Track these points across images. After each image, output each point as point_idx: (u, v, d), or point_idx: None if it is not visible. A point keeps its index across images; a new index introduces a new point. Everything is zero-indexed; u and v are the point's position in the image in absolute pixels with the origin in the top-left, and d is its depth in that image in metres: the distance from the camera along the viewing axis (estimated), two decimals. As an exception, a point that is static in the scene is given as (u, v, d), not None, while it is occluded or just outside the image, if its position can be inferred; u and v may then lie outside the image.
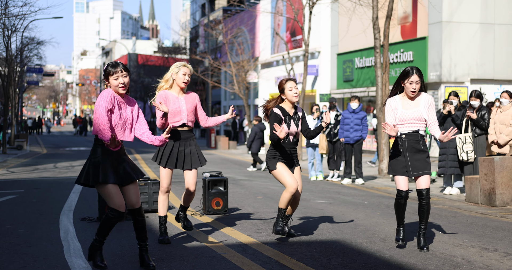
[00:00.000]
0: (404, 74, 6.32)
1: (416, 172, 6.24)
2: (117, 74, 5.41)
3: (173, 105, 6.71)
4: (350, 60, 26.63)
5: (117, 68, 5.43)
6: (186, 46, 57.50)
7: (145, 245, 5.57)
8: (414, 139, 6.26)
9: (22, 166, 19.03)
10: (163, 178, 6.78)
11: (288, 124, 6.69)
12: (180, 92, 6.82)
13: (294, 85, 6.74)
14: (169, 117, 6.65)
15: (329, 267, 5.60)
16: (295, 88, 6.72)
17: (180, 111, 6.73)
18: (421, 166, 6.24)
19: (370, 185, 13.19)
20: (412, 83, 6.27)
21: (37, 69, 36.92)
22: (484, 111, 10.74)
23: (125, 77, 5.45)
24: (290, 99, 6.71)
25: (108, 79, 5.44)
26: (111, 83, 5.43)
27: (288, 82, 6.74)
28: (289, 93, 6.70)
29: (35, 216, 8.74)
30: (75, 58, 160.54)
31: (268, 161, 6.75)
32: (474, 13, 21.50)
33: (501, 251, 6.27)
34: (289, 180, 6.61)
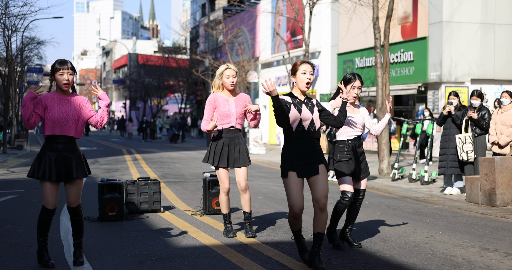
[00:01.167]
0: (346, 80, 6.41)
1: (362, 174, 6.51)
2: (63, 70, 5.56)
3: (223, 108, 6.90)
4: (351, 60, 26.63)
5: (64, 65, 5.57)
6: (187, 46, 57.49)
7: (78, 242, 5.78)
8: (357, 142, 6.49)
9: (22, 166, 19.02)
10: (221, 179, 6.95)
11: (298, 108, 5.51)
12: (230, 94, 6.98)
13: (310, 70, 5.59)
14: (219, 119, 6.88)
15: (329, 267, 5.60)
16: (310, 74, 5.59)
17: (230, 114, 6.92)
18: (364, 169, 6.52)
19: (370, 185, 13.19)
20: (354, 88, 6.36)
21: (37, 69, 36.91)
22: (485, 111, 10.74)
23: (70, 75, 5.59)
24: (301, 83, 5.58)
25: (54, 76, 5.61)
26: (57, 79, 5.58)
27: (302, 65, 5.60)
28: (302, 77, 5.58)
29: (36, 216, 8.73)
30: (75, 58, 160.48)
31: (281, 165, 5.59)
32: (475, 13, 21.50)
33: (502, 251, 6.27)
34: (292, 199, 5.47)
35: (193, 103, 56.74)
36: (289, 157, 5.48)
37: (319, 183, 5.52)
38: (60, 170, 5.58)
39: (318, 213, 5.50)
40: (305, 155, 5.48)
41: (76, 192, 5.66)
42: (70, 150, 5.66)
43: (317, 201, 5.48)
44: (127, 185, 8.83)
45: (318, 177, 5.54)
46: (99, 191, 8.26)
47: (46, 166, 5.53)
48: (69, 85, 5.58)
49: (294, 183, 5.45)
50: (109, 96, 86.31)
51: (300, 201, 5.44)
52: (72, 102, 5.66)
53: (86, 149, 30.04)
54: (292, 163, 5.46)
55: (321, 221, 5.49)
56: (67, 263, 5.78)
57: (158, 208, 8.95)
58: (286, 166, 5.49)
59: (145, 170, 16.80)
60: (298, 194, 5.45)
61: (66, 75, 5.54)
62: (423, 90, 22.11)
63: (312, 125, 5.54)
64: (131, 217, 8.47)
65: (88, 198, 10.65)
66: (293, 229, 5.66)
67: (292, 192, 5.44)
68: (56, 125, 5.57)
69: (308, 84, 5.56)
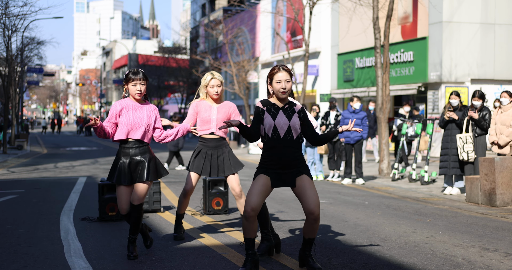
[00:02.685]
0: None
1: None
2: (136, 82, 5.96)
3: (204, 113, 6.86)
4: (351, 60, 26.63)
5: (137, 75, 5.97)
6: (187, 46, 57.48)
7: (132, 238, 6.02)
8: None
9: (22, 166, 19.02)
10: (187, 179, 6.86)
11: (274, 114, 5.26)
12: (213, 102, 6.94)
13: (286, 78, 5.27)
14: (200, 124, 6.86)
15: (330, 267, 5.60)
16: (286, 82, 5.27)
17: (210, 120, 6.85)
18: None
19: (371, 185, 13.19)
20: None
21: (37, 69, 36.90)
22: (486, 111, 10.74)
23: (142, 85, 5.98)
24: (276, 93, 5.30)
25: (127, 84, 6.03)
26: (129, 89, 6.00)
27: (278, 74, 5.28)
28: (276, 86, 5.29)
29: (36, 216, 8.74)
30: (75, 58, 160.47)
31: (257, 170, 5.38)
32: (475, 13, 21.50)
33: (502, 251, 6.27)
34: (248, 196, 5.22)
35: (193, 103, 56.59)
36: (264, 164, 5.29)
37: (307, 194, 5.24)
38: (132, 174, 5.98)
39: (312, 223, 5.31)
40: (281, 164, 5.24)
41: (142, 192, 5.98)
42: (142, 153, 6.02)
43: (312, 213, 5.24)
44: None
45: (305, 188, 5.25)
46: (99, 191, 8.26)
47: (120, 171, 5.97)
48: (141, 95, 6.00)
49: (259, 185, 5.22)
50: (109, 96, 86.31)
51: (255, 200, 5.16)
52: (145, 109, 6.08)
53: (86, 149, 30.05)
54: (267, 170, 5.26)
55: (314, 229, 5.35)
56: (67, 263, 5.78)
57: (158, 208, 8.95)
58: (260, 172, 5.29)
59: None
60: (257, 193, 5.18)
61: (138, 85, 5.97)
62: (423, 90, 22.11)
63: (289, 133, 5.25)
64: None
65: (88, 198, 10.66)
66: (245, 235, 5.29)
67: (252, 190, 5.20)
68: (129, 129, 5.98)
69: (284, 92, 5.25)
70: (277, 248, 6.15)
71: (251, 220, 5.20)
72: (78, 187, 12.51)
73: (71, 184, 13.09)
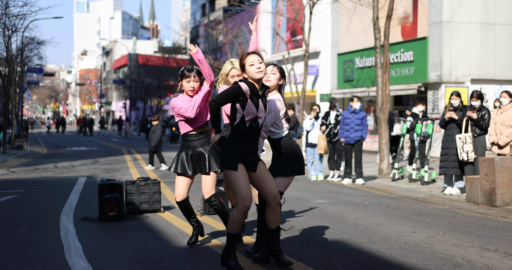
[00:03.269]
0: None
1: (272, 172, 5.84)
2: (189, 78, 6.18)
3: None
4: (351, 60, 26.63)
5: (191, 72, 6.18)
6: (187, 46, 57.47)
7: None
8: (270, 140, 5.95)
9: (22, 166, 19.02)
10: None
11: (256, 103, 5.27)
12: None
13: (257, 59, 5.30)
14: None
15: (330, 267, 5.60)
16: (259, 63, 5.29)
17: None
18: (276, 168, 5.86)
19: (371, 185, 13.19)
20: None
21: (37, 69, 36.89)
22: (485, 111, 10.74)
23: (196, 82, 6.20)
24: (252, 76, 5.28)
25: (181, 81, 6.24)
26: (183, 85, 6.23)
27: (248, 57, 5.32)
28: (251, 69, 5.29)
29: (36, 216, 8.75)
30: (75, 58, 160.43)
31: (227, 157, 5.28)
32: (475, 13, 21.50)
33: (502, 251, 6.27)
34: (243, 192, 5.22)
35: (193, 103, 56.62)
36: (238, 151, 5.25)
37: (269, 178, 5.37)
38: (194, 165, 6.31)
39: (275, 209, 5.38)
40: (252, 151, 5.32)
41: (209, 183, 6.29)
42: (203, 145, 6.32)
43: (275, 197, 5.34)
44: (127, 185, 8.83)
45: (265, 173, 5.37)
46: (99, 191, 8.25)
47: (183, 163, 6.31)
48: (194, 91, 6.22)
49: (245, 176, 5.23)
50: (109, 96, 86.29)
51: (250, 194, 5.24)
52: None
53: (86, 149, 30.04)
54: (242, 157, 5.25)
55: (277, 215, 5.42)
56: (67, 263, 5.78)
57: (158, 208, 8.95)
58: (235, 159, 5.21)
59: (145, 170, 16.80)
60: (249, 187, 5.23)
61: (192, 82, 6.19)
62: (423, 90, 22.11)
63: (255, 121, 5.30)
64: (131, 217, 8.47)
65: (88, 198, 10.66)
66: (234, 230, 5.27)
67: (244, 185, 5.19)
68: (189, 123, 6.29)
69: (260, 71, 5.24)
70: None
71: (246, 214, 5.35)
72: (78, 187, 12.51)
73: (71, 184, 13.09)
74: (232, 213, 5.30)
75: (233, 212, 5.29)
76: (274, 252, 5.54)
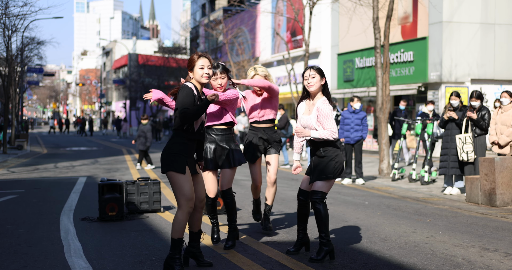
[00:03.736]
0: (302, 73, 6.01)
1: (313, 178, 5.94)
2: (216, 76, 6.16)
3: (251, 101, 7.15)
4: (351, 60, 26.63)
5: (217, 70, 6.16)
6: (187, 46, 57.46)
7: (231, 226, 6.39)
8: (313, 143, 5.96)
9: (22, 166, 19.02)
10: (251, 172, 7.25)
11: None
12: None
13: (208, 64, 5.43)
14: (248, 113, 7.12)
15: (330, 267, 5.60)
16: (208, 68, 5.42)
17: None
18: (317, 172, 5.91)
19: (371, 185, 13.19)
20: (307, 79, 5.91)
21: (37, 69, 36.89)
22: (485, 111, 10.74)
23: (222, 79, 6.20)
24: (199, 79, 5.41)
25: None
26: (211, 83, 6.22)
27: (200, 59, 5.42)
28: (199, 71, 5.40)
29: (36, 216, 8.75)
30: (75, 58, 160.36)
31: (175, 159, 5.28)
32: (475, 13, 21.50)
33: (502, 251, 6.27)
34: (190, 195, 5.27)
35: (193, 103, 56.64)
36: (185, 154, 5.30)
37: (202, 182, 5.55)
38: (217, 159, 6.38)
39: (200, 212, 5.54)
40: (192, 153, 5.44)
41: (229, 177, 6.38)
42: (226, 140, 6.36)
43: (201, 201, 5.51)
44: (127, 185, 8.83)
45: (200, 177, 5.53)
46: (99, 191, 8.26)
47: (206, 157, 6.34)
48: (222, 87, 6.22)
49: (190, 179, 5.31)
50: (109, 96, 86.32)
51: (194, 195, 5.32)
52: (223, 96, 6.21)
53: (86, 149, 30.04)
54: (187, 161, 5.31)
55: (201, 218, 5.58)
56: (67, 263, 5.78)
57: (158, 208, 8.95)
58: (182, 162, 5.26)
59: (145, 170, 16.80)
60: (192, 189, 5.30)
61: (219, 79, 6.20)
62: (423, 90, 22.11)
63: (202, 126, 5.45)
64: (131, 217, 8.47)
65: (88, 198, 10.66)
66: (179, 234, 5.26)
67: (190, 187, 5.26)
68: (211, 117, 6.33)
69: (207, 77, 5.39)
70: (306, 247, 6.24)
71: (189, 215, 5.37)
72: (78, 187, 12.51)
73: (71, 184, 13.08)
74: (177, 216, 5.25)
75: (178, 215, 5.25)
76: (194, 254, 5.60)
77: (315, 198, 5.85)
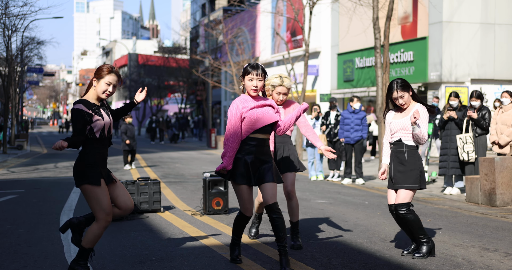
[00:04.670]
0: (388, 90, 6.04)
1: (396, 184, 5.93)
2: (252, 76, 5.43)
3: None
4: (351, 60, 26.63)
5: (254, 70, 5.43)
6: (187, 46, 57.48)
7: (282, 247, 5.33)
8: (399, 149, 5.95)
9: (22, 166, 19.03)
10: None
11: (100, 114, 5.16)
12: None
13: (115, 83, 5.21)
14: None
15: (329, 267, 5.60)
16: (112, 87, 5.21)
17: None
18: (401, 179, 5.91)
19: (371, 185, 13.19)
20: (397, 99, 5.95)
21: (37, 69, 36.89)
22: (485, 111, 10.74)
23: (259, 81, 5.43)
24: (99, 93, 5.18)
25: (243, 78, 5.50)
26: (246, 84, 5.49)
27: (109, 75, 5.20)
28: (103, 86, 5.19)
29: (36, 216, 8.75)
30: (75, 58, 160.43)
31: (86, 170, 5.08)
32: (475, 13, 21.50)
33: (502, 251, 6.27)
34: (108, 209, 5.09)
35: (193, 103, 56.74)
36: (98, 164, 5.13)
37: (123, 188, 5.32)
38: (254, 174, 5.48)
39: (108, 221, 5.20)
40: (105, 163, 5.25)
41: (272, 190, 5.45)
42: (266, 153, 5.54)
43: (131, 209, 5.31)
44: (127, 185, 8.83)
45: (121, 187, 5.30)
46: (99, 191, 8.24)
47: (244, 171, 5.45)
48: (256, 91, 5.44)
49: (106, 191, 5.11)
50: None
51: (112, 208, 5.13)
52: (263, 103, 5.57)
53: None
54: (100, 171, 5.11)
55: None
56: (67, 263, 5.78)
57: (158, 208, 8.95)
58: (97, 173, 5.08)
59: (145, 170, 16.80)
60: (110, 201, 5.13)
61: (255, 81, 5.41)
62: (423, 90, 22.11)
63: (109, 132, 5.23)
64: (131, 217, 8.47)
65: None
66: (91, 245, 5.13)
67: (107, 200, 5.08)
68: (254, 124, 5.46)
69: (108, 95, 5.16)
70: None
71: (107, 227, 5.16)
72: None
73: (71, 184, 13.08)
74: (93, 228, 5.09)
75: (94, 227, 5.09)
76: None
77: (402, 211, 5.91)
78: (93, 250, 5.23)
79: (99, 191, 5.03)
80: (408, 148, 5.93)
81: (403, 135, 5.95)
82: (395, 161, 5.97)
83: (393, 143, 6.00)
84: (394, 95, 5.95)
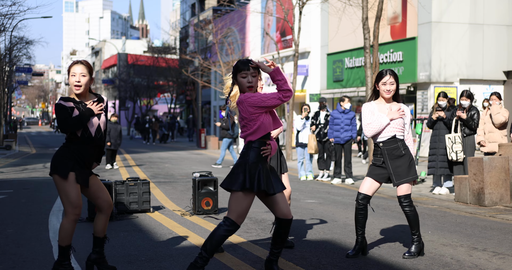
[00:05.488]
0: (378, 76, 6.08)
1: (399, 180, 5.93)
2: (245, 73, 4.94)
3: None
4: (340, 60, 26.68)
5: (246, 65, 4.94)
6: (176, 46, 57.39)
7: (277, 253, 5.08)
8: (393, 145, 5.95)
9: (11, 166, 18.93)
10: None
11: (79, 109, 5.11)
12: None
13: (80, 71, 5.07)
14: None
15: (319, 266, 5.61)
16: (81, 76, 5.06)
17: None
18: (404, 173, 5.93)
19: (360, 185, 13.21)
20: (386, 84, 5.97)
21: (26, 68, 36.73)
22: (474, 111, 10.79)
23: (253, 77, 4.93)
24: (71, 88, 5.12)
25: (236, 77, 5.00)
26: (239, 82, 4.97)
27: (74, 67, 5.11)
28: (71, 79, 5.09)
29: (24, 217, 8.70)
30: (64, 58, 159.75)
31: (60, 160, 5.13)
32: (464, 14, 21.60)
33: (490, 250, 6.30)
34: (76, 202, 5.02)
35: (183, 103, 56.67)
36: (72, 158, 5.07)
37: (103, 187, 5.27)
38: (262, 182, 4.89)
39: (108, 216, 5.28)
40: (86, 163, 5.14)
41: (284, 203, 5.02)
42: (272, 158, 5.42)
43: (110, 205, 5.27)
44: (116, 185, 8.80)
45: (99, 183, 5.26)
46: (88, 191, 8.21)
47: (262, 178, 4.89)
48: (253, 87, 4.94)
49: (74, 184, 5.04)
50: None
51: (81, 202, 5.07)
52: None
53: (75, 149, 29.91)
54: (73, 166, 5.05)
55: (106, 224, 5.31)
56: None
57: (148, 208, 8.93)
58: (68, 166, 5.04)
59: (135, 170, 16.76)
60: (79, 195, 5.06)
61: (249, 76, 4.91)
62: (412, 90, 22.19)
63: (99, 131, 5.14)
64: (120, 217, 8.44)
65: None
66: (67, 242, 5.07)
67: (76, 194, 5.03)
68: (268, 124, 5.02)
69: (79, 88, 5.05)
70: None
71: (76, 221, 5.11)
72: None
73: (60, 184, 13.02)
74: (63, 223, 5.05)
75: (63, 223, 5.04)
76: (96, 260, 5.32)
77: (405, 202, 5.98)
78: (72, 247, 5.19)
79: (66, 184, 5.02)
80: (401, 142, 5.99)
81: (396, 131, 5.99)
82: (390, 158, 5.95)
83: (385, 141, 5.97)
84: (385, 79, 5.98)
